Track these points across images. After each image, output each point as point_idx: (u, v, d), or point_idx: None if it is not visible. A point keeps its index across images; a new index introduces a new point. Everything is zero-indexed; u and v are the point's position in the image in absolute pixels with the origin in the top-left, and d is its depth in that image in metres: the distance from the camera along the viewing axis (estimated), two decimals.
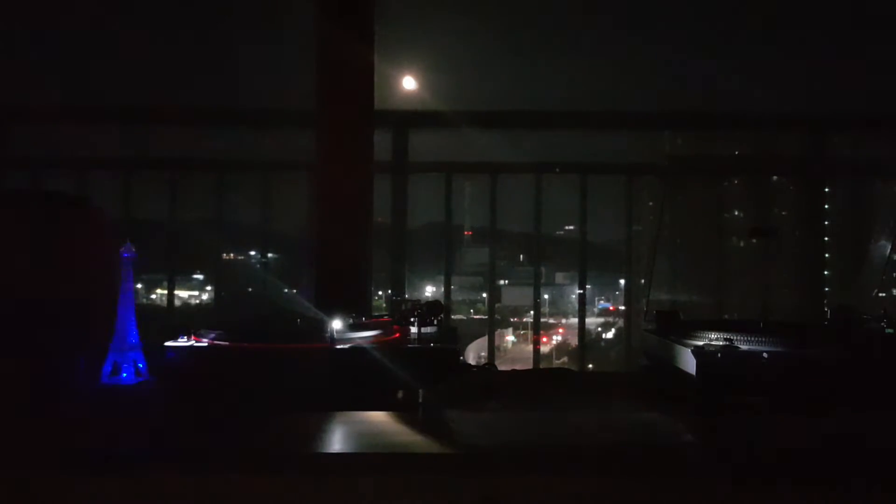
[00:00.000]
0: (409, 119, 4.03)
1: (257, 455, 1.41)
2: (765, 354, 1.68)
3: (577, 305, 4.54)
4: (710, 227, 4.56)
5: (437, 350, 1.83)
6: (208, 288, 4.78)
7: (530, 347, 4.91)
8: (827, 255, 4.34)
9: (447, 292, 4.14)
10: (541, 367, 4.53)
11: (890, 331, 1.84)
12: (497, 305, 5.95)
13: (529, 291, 4.56)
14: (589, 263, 4.47)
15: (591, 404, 1.93)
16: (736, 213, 5.14)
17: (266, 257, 4.27)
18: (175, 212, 4.04)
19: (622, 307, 5.05)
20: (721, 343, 1.72)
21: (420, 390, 1.75)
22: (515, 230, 5.03)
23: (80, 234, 2.00)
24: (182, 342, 1.81)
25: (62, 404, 1.73)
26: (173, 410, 1.70)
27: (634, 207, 4.44)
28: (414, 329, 1.96)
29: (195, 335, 1.85)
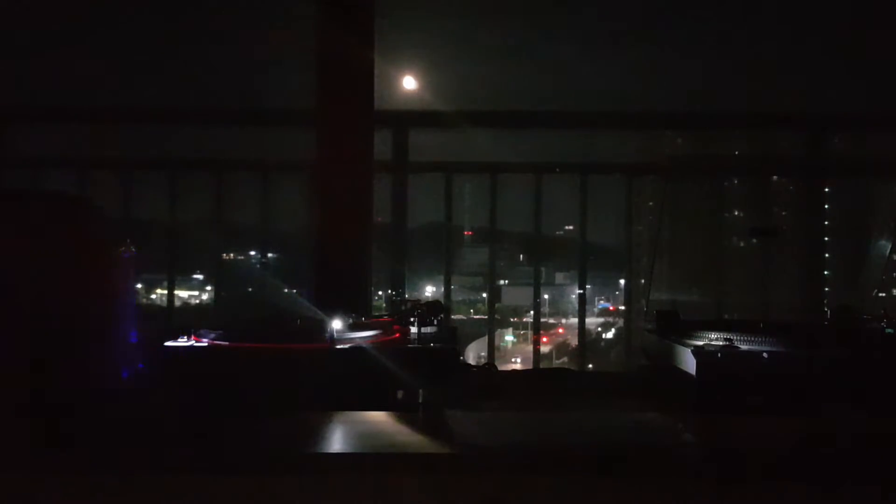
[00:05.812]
0: (409, 119, 4.03)
1: (258, 455, 1.41)
2: (765, 354, 1.68)
3: (577, 305, 4.54)
4: (711, 227, 4.56)
5: (437, 350, 1.82)
6: (208, 288, 4.78)
7: (530, 347, 4.91)
8: (827, 255, 4.34)
9: (447, 292, 4.14)
10: (541, 366, 4.54)
11: (890, 331, 1.84)
12: (497, 305, 5.95)
13: (529, 291, 4.56)
14: (589, 263, 4.47)
15: (590, 404, 1.93)
16: (736, 212, 5.14)
17: (266, 257, 4.27)
18: (175, 212, 4.04)
19: (622, 307, 5.05)
20: (721, 343, 1.72)
21: (420, 390, 1.74)
22: (515, 230, 5.04)
23: (80, 233, 2.00)
24: (182, 342, 1.81)
25: (62, 403, 1.73)
26: (173, 411, 1.70)
27: (634, 207, 4.43)
28: (414, 329, 1.96)
29: (195, 335, 1.84)
